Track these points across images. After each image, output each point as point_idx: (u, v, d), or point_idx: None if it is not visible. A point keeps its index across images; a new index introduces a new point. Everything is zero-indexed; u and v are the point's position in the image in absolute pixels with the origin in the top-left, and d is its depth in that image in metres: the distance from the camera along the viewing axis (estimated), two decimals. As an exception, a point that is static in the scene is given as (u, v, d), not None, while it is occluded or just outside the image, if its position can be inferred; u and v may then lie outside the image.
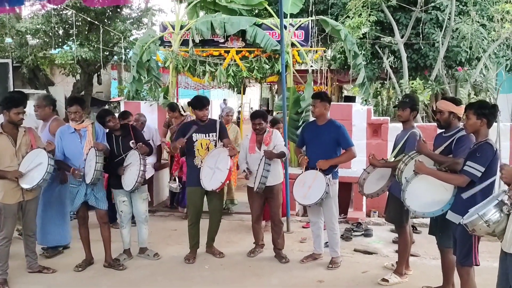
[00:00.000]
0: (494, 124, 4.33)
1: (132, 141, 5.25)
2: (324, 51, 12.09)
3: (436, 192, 3.74)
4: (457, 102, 4.21)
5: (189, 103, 5.53)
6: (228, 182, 6.38)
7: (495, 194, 3.28)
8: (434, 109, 9.90)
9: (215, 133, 5.33)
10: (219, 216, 5.60)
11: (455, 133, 4.05)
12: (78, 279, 4.99)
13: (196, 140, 5.30)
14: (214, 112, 28.12)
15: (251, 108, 16.84)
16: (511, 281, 3.01)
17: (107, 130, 5.31)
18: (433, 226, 4.30)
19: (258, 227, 5.65)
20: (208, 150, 5.25)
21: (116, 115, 5.76)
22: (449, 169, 3.87)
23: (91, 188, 5.02)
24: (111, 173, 5.33)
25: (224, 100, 26.70)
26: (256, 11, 11.23)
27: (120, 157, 5.20)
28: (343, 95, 21.79)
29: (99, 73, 16.33)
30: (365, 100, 9.61)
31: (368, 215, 7.31)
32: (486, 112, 3.60)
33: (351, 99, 15.89)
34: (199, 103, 5.29)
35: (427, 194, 3.79)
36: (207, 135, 5.31)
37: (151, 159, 6.75)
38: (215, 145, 5.28)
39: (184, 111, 7.54)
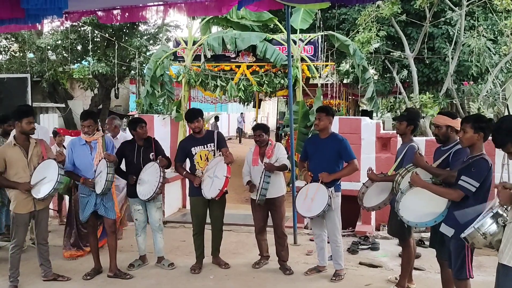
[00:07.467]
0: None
1: (152, 153, 5.44)
2: (338, 65, 12.17)
3: (429, 204, 3.76)
4: (453, 115, 4.26)
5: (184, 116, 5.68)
6: None
7: (490, 205, 3.28)
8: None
9: (213, 143, 5.46)
10: (221, 225, 5.66)
11: (452, 146, 4.10)
12: (86, 287, 5.13)
13: (196, 153, 5.45)
14: (231, 125, 28.47)
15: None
16: None
17: (131, 138, 5.53)
18: (433, 239, 4.32)
19: (261, 239, 5.72)
20: (208, 161, 5.39)
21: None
22: (444, 181, 3.91)
23: (101, 198, 5.16)
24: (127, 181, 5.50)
25: (241, 113, 26.94)
26: (270, 27, 11.43)
27: (138, 166, 5.38)
28: (360, 109, 21.78)
29: (116, 87, 16.75)
30: (382, 114, 9.57)
31: (377, 229, 7.28)
32: (483, 125, 3.58)
33: (368, 113, 15.85)
34: (190, 115, 5.44)
35: (420, 206, 3.81)
36: (205, 146, 5.45)
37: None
38: (214, 155, 5.42)
39: None
